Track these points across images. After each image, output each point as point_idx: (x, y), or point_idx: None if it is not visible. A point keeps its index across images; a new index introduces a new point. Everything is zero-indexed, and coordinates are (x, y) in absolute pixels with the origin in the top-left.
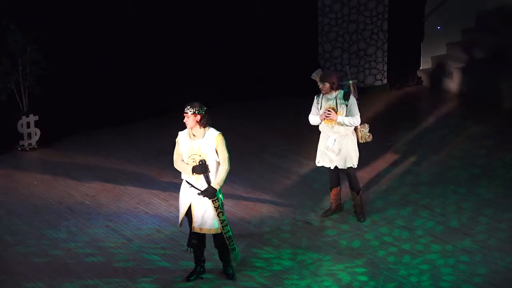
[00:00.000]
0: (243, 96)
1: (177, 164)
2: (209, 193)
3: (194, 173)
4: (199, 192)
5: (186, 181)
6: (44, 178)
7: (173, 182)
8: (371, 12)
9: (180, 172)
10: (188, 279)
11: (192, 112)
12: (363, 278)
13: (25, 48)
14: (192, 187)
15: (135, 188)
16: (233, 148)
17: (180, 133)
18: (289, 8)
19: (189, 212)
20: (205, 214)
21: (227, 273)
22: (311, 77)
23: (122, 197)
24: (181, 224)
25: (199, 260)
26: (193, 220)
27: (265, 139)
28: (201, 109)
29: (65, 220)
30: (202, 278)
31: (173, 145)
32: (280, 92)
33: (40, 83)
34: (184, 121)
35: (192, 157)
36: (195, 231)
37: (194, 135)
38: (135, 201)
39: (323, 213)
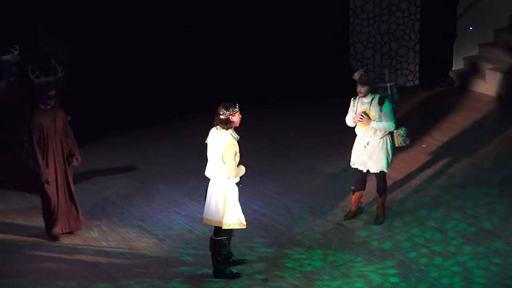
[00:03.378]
0: (274, 96)
1: (237, 170)
2: None
3: None
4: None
5: (237, 184)
6: (75, 178)
7: (205, 182)
8: (403, 13)
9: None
10: (239, 276)
11: None
12: (394, 279)
13: (57, 50)
14: (237, 184)
15: (166, 189)
16: (264, 149)
17: (233, 140)
18: (321, 9)
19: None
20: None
21: (240, 259)
22: (353, 76)
23: (154, 197)
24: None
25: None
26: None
27: (296, 139)
28: None
29: (97, 219)
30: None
31: (204, 145)
32: (311, 92)
33: (71, 84)
34: (238, 119)
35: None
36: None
37: (237, 134)
38: (167, 201)
39: (345, 216)
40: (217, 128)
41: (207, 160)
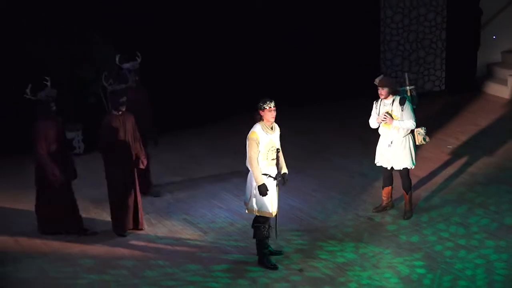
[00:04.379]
0: (310, 99)
1: (256, 163)
2: (287, 177)
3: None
4: (280, 180)
5: (266, 174)
6: None
7: (245, 179)
8: (430, 23)
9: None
10: (277, 267)
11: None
12: (421, 270)
13: (107, 57)
14: (270, 177)
15: (210, 185)
16: (302, 148)
17: (256, 131)
18: (354, 19)
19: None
20: (276, 198)
21: (276, 250)
22: (374, 82)
23: (198, 192)
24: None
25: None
26: (273, 206)
27: (332, 140)
28: None
29: (146, 213)
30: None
31: (244, 143)
32: (347, 96)
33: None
34: (272, 115)
35: (271, 149)
36: (274, 215)
37: (272, 129)
38: (210, 196)
39: (374, 208)
40: None
41: (250, 157)
